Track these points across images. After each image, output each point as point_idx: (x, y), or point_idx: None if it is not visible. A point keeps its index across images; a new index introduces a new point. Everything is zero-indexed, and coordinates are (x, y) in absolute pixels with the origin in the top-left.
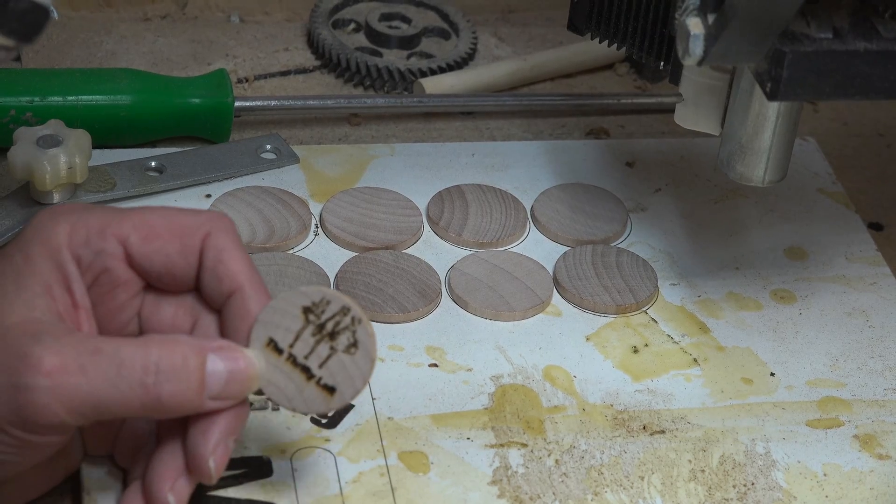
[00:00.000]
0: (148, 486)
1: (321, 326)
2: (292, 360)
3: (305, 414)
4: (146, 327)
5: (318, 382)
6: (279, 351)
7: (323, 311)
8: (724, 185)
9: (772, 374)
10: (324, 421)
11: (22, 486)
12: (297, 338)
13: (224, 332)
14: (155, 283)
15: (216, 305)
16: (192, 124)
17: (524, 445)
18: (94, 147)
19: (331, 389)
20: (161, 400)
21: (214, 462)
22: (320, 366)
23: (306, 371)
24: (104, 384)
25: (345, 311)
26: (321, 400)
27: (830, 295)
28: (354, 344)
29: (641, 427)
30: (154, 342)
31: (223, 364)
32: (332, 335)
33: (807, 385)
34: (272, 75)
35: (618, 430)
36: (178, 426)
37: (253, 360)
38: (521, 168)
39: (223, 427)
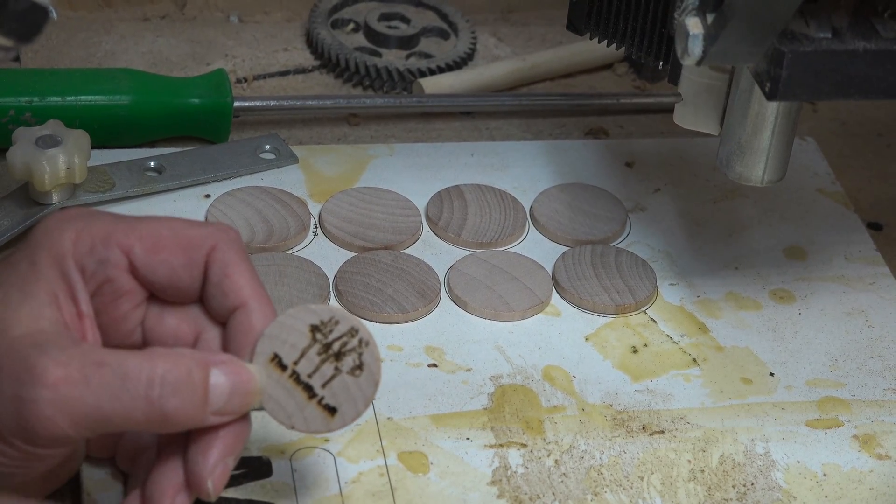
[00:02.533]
0: (148, 500)
1: (328, 346)
2: (295, 377)
3: (304, 432)
4: (149, 337)
5: (319, 402)
6: (283, 367)
7: (331, 331)
8: (724, 185)
9: (771, 374)
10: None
11: (23, 490)
12: (302, 355)
13: (227, 347)
14: (159, 294)
15: (220, 319)
16: (191, 124)
17: (524, 446)
18: (93, 147)
19: (332, 410)
20: (165, 413)
21: (213, 482)
22: (323, 385)
23: (308, 389)
24: (108, 397)
25: (353, 332)
26: (321, 420)
27: (830, 295)
28: (360, 366)
29: (641, 427)
30: (159, 355)
31: (226, 378)
32: (338, 356)
33: (806, 385)
34: (271, 75)
35: (617, 430)
36: (179, 438)
37: (255, 375)
38: (520, 168)
39: (222, 448)
